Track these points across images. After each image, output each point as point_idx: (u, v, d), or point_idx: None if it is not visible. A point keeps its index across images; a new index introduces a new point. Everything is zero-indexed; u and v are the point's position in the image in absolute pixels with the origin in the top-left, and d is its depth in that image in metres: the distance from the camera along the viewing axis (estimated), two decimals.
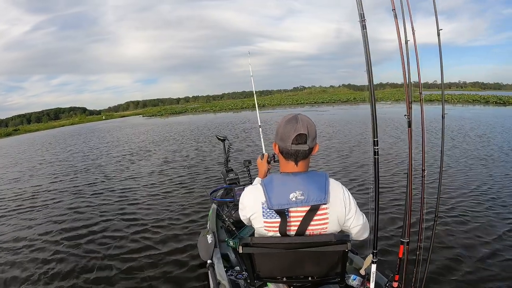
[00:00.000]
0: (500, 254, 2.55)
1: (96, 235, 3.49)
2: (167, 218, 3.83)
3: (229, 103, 49.81)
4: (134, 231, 3.52)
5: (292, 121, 1.04)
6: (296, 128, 1.02)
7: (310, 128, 1.04)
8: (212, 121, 20.75)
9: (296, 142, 1.03)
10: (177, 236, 3.29)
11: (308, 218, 1.04)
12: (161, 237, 3.30)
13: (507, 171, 4.90)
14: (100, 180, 6.19)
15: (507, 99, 23.05)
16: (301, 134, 1.02)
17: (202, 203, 4.21)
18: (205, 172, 6.06)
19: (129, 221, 3.82)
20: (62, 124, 41.45)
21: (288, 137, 1.03)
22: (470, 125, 10.62)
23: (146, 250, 3.04)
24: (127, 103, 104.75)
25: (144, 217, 3.93)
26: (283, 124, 1.06)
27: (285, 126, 1.05)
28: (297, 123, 1.03)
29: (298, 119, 1.04)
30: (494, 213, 3.34)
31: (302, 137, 1.03)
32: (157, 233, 3.42)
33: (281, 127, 1.07)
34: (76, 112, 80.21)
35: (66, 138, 18.31)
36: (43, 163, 9.13)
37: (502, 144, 7.19)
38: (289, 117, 1.06)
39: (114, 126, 24.61)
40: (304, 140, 1.03)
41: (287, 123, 1.05)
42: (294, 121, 1.04)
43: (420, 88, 1.44)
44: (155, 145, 10.84)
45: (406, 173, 1.35)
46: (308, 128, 1.03)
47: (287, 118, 1.07)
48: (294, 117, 1.05)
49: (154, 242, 3.20)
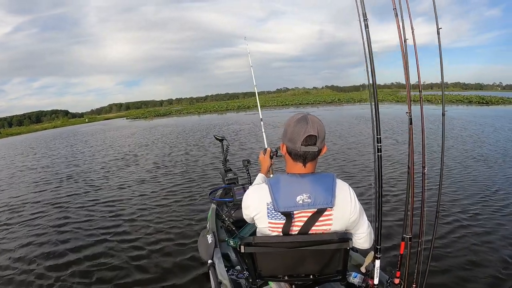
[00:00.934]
0: (501, 249, 2.58)
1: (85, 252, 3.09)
2: (167, 217, 3.81)
3: (213, 105, 49.33)
4: (132, 231, 3.49)
5: (301, 121, 1.01)
6: (306, 129, 0.99)
7: (320, 129, 1.02)
8: (198, 123, 20.23)
9: (305, 143, 1.00)
10: (177, 237, 3.28)
11: (313, 219, 1.04)
12: (161, 237, 3.28)
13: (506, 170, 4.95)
14: (84, 191, 5.50)
15: (489, 99, 23.68)
16: (311, 135, 0.99)
17: (201, 204, 4.20)
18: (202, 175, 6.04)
19: (128, 222, 3.79)
20: (44, 127, 39.84)
21: (298, 139, 1.00)
22: (461, 125, 10.73)
23: (146, 251, 3.02)
24: (110, 105, 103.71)
25: (143, 217, 3.91)
26: (292, 124, 1.03)
27: (294, 126, 1.02)
28: (307, 124, 1.00)
29: (308, 120, 1.01)
30: (495, 210, 3.38)
31: (312, 139, 1.00)
32: (156, 233, 3.40)
33: (290, 127, 1.03)
34: (59, 115, 77.92)
35: (48, 142, 17.40)
36: (23, 170, 8.45)
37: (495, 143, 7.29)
38: (298, 118, 1.03)
39: (98, 129, 23.77)
40: (314, 142, 1.01)
41: (296, 124, 1.02)
42: (304, 122, 1.01)
43: (419, 87, 1.45)
44: (144, 148, 10.30)
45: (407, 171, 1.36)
46: (318, 129, 1.00)
47: (296, 118, 1.03)
48: (304, 118, 1.02)
49: (153, 243, 3.18)
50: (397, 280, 1.38)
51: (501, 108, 19.51)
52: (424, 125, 1.45)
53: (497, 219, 3.16)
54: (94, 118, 54.49)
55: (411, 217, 1.37)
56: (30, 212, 4.59)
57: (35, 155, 11.76)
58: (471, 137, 8.26)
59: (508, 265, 2.37)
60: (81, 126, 33.40)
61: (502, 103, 22.23)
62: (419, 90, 1.46)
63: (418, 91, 1.51)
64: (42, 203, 4.99)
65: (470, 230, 2.96)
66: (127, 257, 2.94)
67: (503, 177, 4.59)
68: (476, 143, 7.32)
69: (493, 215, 3.26)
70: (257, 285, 1.26)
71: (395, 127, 10.71)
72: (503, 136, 8.32)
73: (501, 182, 4.36)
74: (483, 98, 24.63)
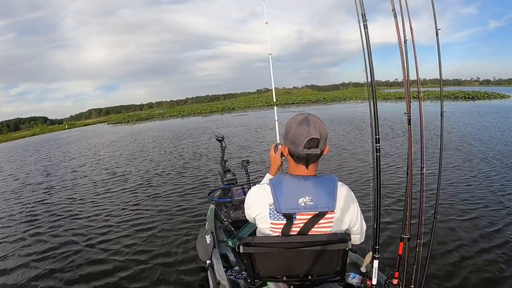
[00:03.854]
0: (500, 248, 2.59)
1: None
2: (166, 218, 3.80)
3: (196, 107, 48.81)
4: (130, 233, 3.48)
5: (303, 123, 0.98)
6: (308, 132, 0.97)
7: (322, 130, 0.99)
8: (184, 126, 19.47)
9: (308, 146, 0.98)
10: (176, 237, 3.27)
11: (313, 221, 1.04)
12: (160, 238, 3.28)
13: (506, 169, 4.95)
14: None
15: (475, 94, 24.08)
16: (313, 138, 0.97)
17: (200, 204, 4.19)
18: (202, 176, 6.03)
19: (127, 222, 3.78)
20: (22, 136, 37.87)
21: (300, 141, 0.98)
22: (455, 122, 10.72)
23: (146, 251, 3.01)
24: (90, 110, 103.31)
25: (142, 217, 3.90)
26: (294, 126, 1.00)
27: (296, 129, 0.99)
28: (309, 126, 0.97)
29: (310, 122, 0.98)
30: (494, 209, 3.38)
31: (315, 141, 0.98)
32: (155, 234, 3.39)
33: (291, 129, 1.01)
34: (37, 121, 76.21)
35: (23, 152, 15.32)
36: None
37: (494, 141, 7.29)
38: (300, 119, 1.00)
39: (79, 136, 21.86)
40: (316, 144, 0.99)
41: (298, 126, 0.99)
42: (306, 124, 0.98)
43: (418, 86, 1.45)
44: (136, 158, 8.92)
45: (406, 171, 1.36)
46: (320, 131, 0.98)
47: (298, 120, 1.00)
48: (305, 119, 0.99)
49: (153, 243, 3.17)
50: (395, 280, 1.38)
51: (487, 103, 19.42)
52: (422, 126, 1.46)
53: (497, 219, 3.17)
54: (74, 124, 52.70)
55: (410, 217, 1.37)
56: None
57: (7, 171, 9.69)
58: (479, 140, 7.49)
59: (507, 265, 2.37)
60: (61, 133, 31.23)
61: (488, 98, 22.60)
62: (418, 91, 1.46)
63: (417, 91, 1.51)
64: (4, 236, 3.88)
65: (469, 230, 2.96)
66: (124, 256, 2.94)
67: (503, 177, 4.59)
68: (482, 143, 7.07)
69: (493, 214, 3.26)
70: (256, 285, 1.26)
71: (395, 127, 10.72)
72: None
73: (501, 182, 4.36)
74: (468, 93, 24.89)
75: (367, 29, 1.00)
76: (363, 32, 1.01)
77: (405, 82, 1.26)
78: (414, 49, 1.44)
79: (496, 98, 22.52)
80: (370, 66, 1.01)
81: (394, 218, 3.24)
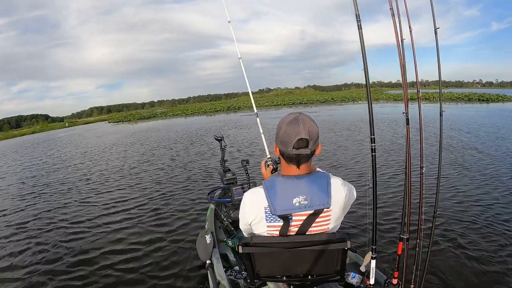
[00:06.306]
0: (500, 249, 2.59)
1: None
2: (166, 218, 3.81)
3: (200, 106, 48.02)
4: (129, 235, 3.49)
5: (293, 123, 0.98)
6: (297, 132, 0.97)
7: (312, 130, 0.98)
8: (190, 125, 18.39)
9: (297, 146, 0.97)
10: (176, 237, 3.28)
11: (310, 220, 1.03)
12: (160, 238, 3.28)
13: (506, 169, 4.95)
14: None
15: (489, 97, 23.69)
16: (302, 139, 0.97)
17: (200, 204, 4.20)
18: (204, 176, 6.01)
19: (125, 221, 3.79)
20: (22, 133, 36.57)
21: (289, 141, 0.98)
22: (464, 124, 10.69)
23: (145, 251, 3.02)
24: (91, 109, 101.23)
25: (142, 217, 3.91)
26: (283, 126, 1.00)
27: (285, 129, 0.99)
28: (298, 126, 0.97)
29: (299, 122, 0.98)
30: (493, 210, 3.38)
31: (304, 142, 0.97)
32: (155, 234, 3.40)
33: (281, 130, 1.00)
34: (38, 119, 74.29)
35: (21, 153, 14.09)
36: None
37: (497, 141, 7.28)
38: (290, 119, 1.00)
39: (81, 135, 20.55)
40: (306, 144, 0.98)
41: (287, 126, 0.99)
42: (295, 124, 0.98)
43: (418, 86, 1.45)
44: (147, 161, 7.98)
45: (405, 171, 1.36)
46: (309, 131, 0.97)
47: (288, 120, 1.00)
48: (295, 119, 0.99)
49: (152, 243, 3.18)
50: (395, 280, 1.38)
51: (500, 105, 19.12)
52: (422, 126, 1.46)
53: (497, 219, 3.16)
54: (75, 122, 52.24)
55: (409, 217, 1.37)
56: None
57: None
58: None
59: (507, 264, 2.37)
60: (61, 131, 30.10)
61: (502, 101, 22.19)
62: (417, 91, 1.45)
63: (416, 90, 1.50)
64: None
65: (468, 230, 2.95)
66: (124, 256, 2.95)
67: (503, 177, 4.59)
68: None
69: (493, 215, 3.26)
70: (255, 285, 1.26)
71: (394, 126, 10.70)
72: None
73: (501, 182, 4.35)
74: (482, 95, 24.50)
75: (361, 29, 1.00)
76: (357, 33, 1.01)
77: (403, 81, 1.26)
78: (413, 48, 1.43)
79: (510, 101, 21.73)
80: (365, 66, 1.01)
81: (393, 218, 3.24)
